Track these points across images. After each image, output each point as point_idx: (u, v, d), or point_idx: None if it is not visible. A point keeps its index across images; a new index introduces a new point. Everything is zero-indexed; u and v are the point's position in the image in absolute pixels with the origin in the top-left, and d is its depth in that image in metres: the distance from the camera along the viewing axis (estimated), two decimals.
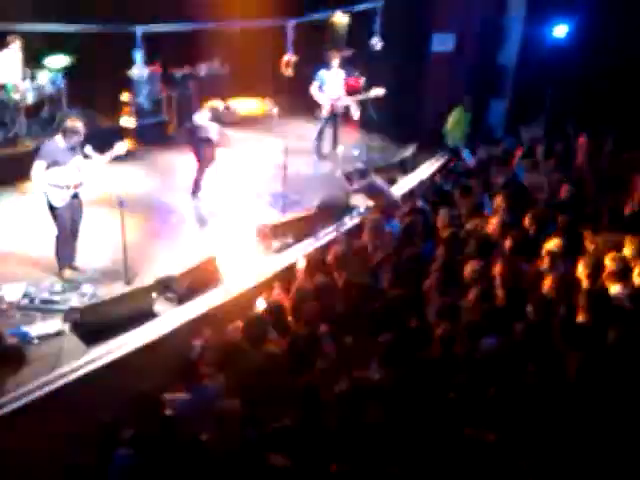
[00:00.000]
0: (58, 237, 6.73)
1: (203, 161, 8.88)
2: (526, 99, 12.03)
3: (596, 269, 5.56)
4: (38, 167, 6.36)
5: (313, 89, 10.07)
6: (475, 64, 11.83)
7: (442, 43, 11.62)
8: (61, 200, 6.53)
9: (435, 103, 11.57)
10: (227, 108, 9.13)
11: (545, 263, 5.91)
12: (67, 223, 6.70)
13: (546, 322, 4.95)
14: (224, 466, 3.94)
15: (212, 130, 8.77)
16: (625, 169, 8.66)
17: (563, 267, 5.80)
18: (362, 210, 8.53)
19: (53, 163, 6.40)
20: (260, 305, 5.97)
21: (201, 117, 8.78)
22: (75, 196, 6.68)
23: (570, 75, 11.40)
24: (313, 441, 3.99)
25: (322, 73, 10.08)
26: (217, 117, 8.97)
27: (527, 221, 6.90)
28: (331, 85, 10.09)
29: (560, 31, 11.62)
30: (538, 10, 11.66)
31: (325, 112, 10.17)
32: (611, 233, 6.43)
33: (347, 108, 10.26)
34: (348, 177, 9.11)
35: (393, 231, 7.14)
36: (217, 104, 9.03)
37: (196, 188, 8.99)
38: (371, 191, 8.43)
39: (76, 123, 6.54)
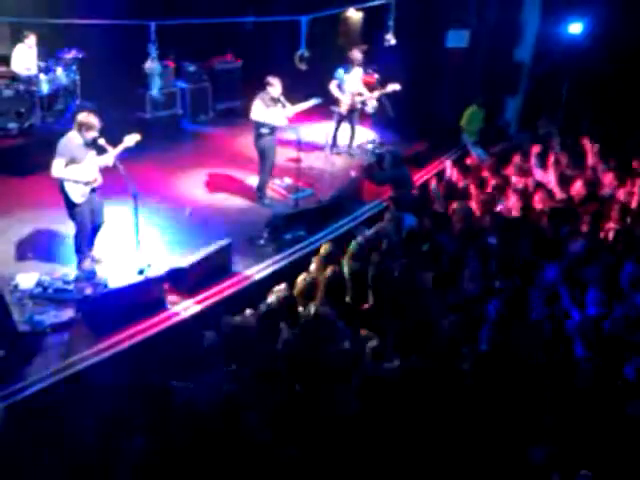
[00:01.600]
0: (78, 234, 6.65)
1: (263, 158, 8.55)
2: (541, 96, 11.94)
3: None
4: (58, 165, 6.26)
5: (332, 87, 10.02)
6: (490, 60, 11.75)
7: (457, 39, 11.56)
8: (81, 196, 6.46)
9: (450, 99, 11.52)
10: (267, 84, 8.16)
11: None
12: (88, 218, 6.64)
13: None
14: (233, 451, 3.95)
15: (274, 116, 8.24)
16: None
17: None
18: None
19: (71, 160, 6.32)
20: (272, 297, 5.94)
21: (256, 112, 8.25)
22: (93, 190, 6.61)
23: (586, 72, 11.29)
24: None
25: (341, 72, 10.02)
26: (274, 100, 8.29)
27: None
28: (350, 83, 10.03)
29: (575, 28, 11.53)
30: (553, 7, 11.57)
31: (343, 108, 10.10)
32: None
33: (363, 103, 10.20)
34: (380, 161, 8.94)
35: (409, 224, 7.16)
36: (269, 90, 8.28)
37: (262, 186, 8.70)
38: (398, 181, 8.28)
39: (91, 118, 6.41)
